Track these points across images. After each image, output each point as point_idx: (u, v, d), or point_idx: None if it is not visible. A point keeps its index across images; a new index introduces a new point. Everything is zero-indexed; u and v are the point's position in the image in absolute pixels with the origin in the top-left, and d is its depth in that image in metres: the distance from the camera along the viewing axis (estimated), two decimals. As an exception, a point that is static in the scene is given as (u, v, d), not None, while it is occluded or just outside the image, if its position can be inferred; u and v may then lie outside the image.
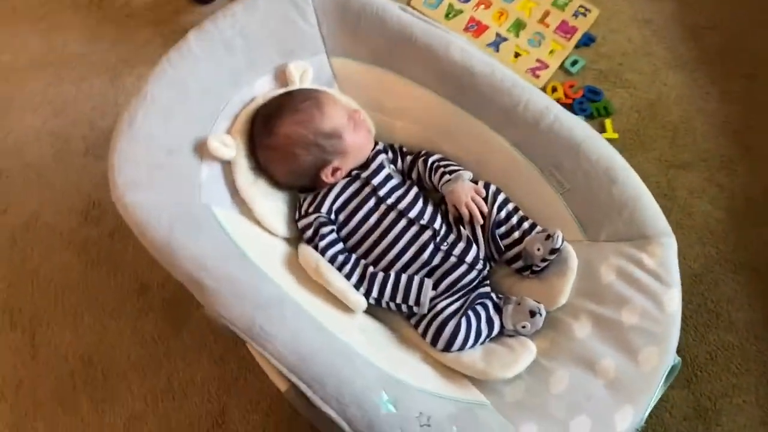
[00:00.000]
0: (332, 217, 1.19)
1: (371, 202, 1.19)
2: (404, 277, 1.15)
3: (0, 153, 1.56)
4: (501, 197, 1.22)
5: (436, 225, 1.19)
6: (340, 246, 1.18)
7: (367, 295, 1.14)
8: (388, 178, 1.23)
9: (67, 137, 1.57)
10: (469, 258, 1.18)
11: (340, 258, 1.16)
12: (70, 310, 1.42)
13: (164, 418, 1.34)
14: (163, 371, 1.37)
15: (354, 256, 1.17)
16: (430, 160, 1.25)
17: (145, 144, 1.09)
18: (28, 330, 1.39)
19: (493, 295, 1.19)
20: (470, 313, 1.14)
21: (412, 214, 1.19)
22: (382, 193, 1.20)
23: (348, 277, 1.15)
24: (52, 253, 1.46)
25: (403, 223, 1.18)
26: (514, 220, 1.21)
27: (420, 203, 1.21)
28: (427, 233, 1.18)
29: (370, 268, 1.16)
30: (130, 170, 1.08)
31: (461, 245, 1.19)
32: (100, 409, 1.35)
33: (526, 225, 1.21)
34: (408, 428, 0.98)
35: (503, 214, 1.21)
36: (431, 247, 1.17)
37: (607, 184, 1.16)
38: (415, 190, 1.23)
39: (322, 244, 1.16)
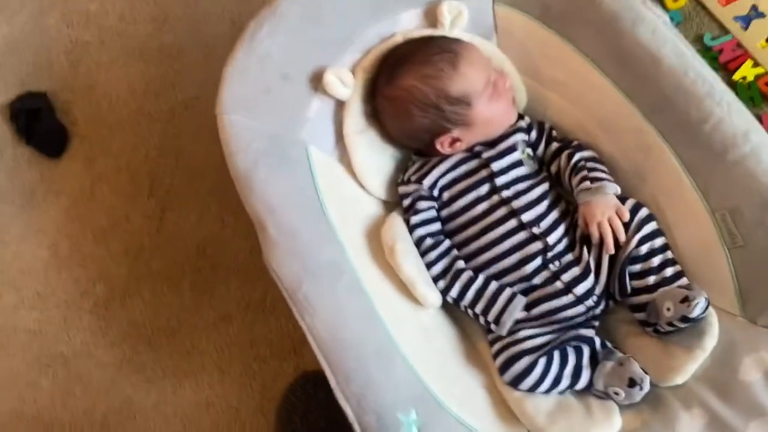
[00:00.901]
0: (435, 192, 1.03)
1: (483, 189, 1.01)
2: (493, 285, 0.98)
3: (182, 30, 1.58)
4: (649, 228, 0.97)
5: (552, 238, 0.98)
6: (434, 227, 1.02)
7: (446, 291, 0.99)
8: (515, 165, 1.02)
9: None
10: (579, 290, 0.97)
11: (429, 241, 1.01)
12: (201, 196, 1.45)
13: (248, 327, 1.35)
14: (260, 283, 1.37)
15: (446, 243, 1.02)
16: (577, 157, 1.01)
17: (261, 63, 1.01)
18: (161, 203, 1.45)
19: (597, 341, 0.97)
20: (556, 353, 0.95)
21: (527, 217, 0.99)
22: (499, 181, 1.01)
23: (431, 265, 1.00)
24: (201, 137, 1.49)
25: (512, 223, 0.99)
26: (656, 261, 0.96)
27: (543, 206, 1.00)
28: (537, 245, 0.98)
29: (460, 263, 1.00)
30: (238, 87, 1.01)
31: (575, 271, 0.97)
32: (197, 300, 1.39)
33: (668, 272, 0.95)
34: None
35: (644, 249, 0.96)
36: (537, 262, 0.98)
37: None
38: (543, 187, 1.02)
39: (415, 219, 1.02)
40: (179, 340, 1.37)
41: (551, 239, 0.98)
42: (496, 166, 1.01)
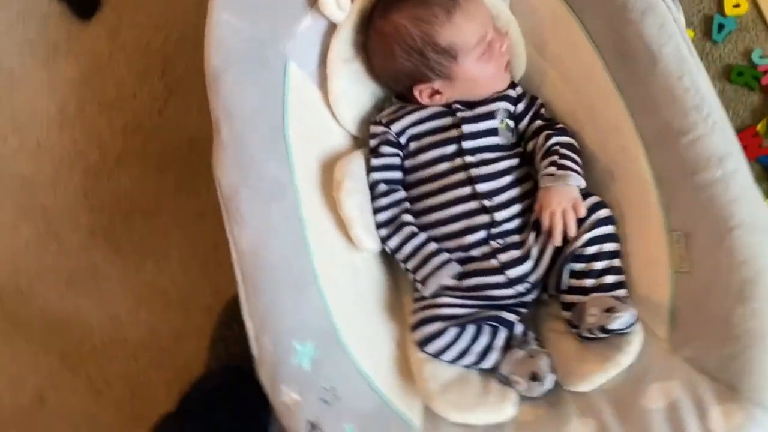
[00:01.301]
0: (402, 140, 1.00)
1: (449, 149, 0.98)
2: (431, 246, 0.96)
3: None
4: (603, 230, 0.92)
5: (501, 215, 0.95)
6: (391, 175, 1.00)
7: (386, 240, 0.98)
8: (489, 132, 0.98)
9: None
10: (513, 272, 0.94)
11: (383, 187, 0.99)
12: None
13: (219, 231, 1.35)
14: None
15: (399, 194, 0.99)
16: (554, 140, 0.96)
17: (262, -36, 0.98)
18: (169, 87, 1.46)
19: (518, 327, 0.95)
20: (471, 328, 0.93)
21: (482, 187, 0.95)
22: (466, 145, 0.97)
23: (378, 210, 0.98)
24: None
25: (466, 190, 0.96)
26: (599, 265, 0.92)
27: (503, 180, 0.96)
28: (484, 218, 0.95)
29: (406, 216, 0.98)
30: (235, -15, 0.98)
31: (514, 253, 0.94)
32: (179, 190, 1.40)
33: (608, 279, 0.91)
34: (305, 393, 0.86)
35: (592, 250, 0.92)
36: (480, 235, 0.95)
37: (734, 301, 0.80)
38: (511, 162, 0.98)
39: (375, 162, 1.00)
40: (153, 223, 1.40)
41: (500, 216, 0.95)
42: (467, 128, 0.98)
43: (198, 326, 1.33)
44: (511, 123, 1.01)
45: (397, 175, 1.01)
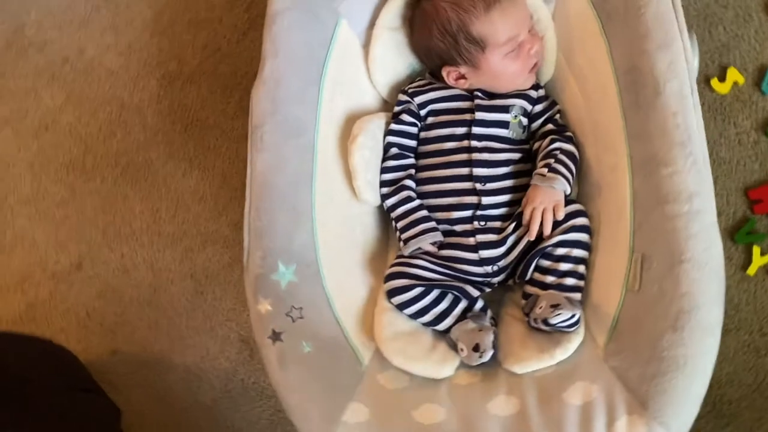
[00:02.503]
0: (422, 113, 1.10)
1: (460, 130, 1.06)
2: (422, 212, 1.06)
3: None
4: (576, 236, 1.00)
5: (489, 200, 1.03)
6: (406, 141, 1.10)
7: (385, 198, 1.08)
8: (499, 124, 1.06)
9: None
10: (485, 254, 1.03)
11: (394, 150, 1.09)
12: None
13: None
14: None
15: (409, 161, 1.09)
16: (556, 145, 1.04)
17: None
18: (251, 20, 1.54)
19: (478, 303, 1.04)
20: (435, 291, 1.03)
21: (478, 171, 1.04)
22: (475, 130, 1.05)
23: (385, 170, 1.09)
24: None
25: (464, 171, 1.05)
26: (564, 267, 0.99)
27: (500, 170, 1.04)
28: (472, 198, 1.03)
29: (408, 181, 1.08)
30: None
31: (491, 237, 1.03)
32: (238, 113, 1.52)
33: (568, 281, 0.99)
34: (276, 305, 0.98)
35: (560, 251, 1.00)
36: (466, 213, 1.04)
37: (667, 327, 0.87)
38: (513, 155, 1.06)
39: (394, 127, 1.10)
40: (207, 138, 1.55)
41: (486, 200, 1.03)
42: (480, 115, 1.06)
43: (224, 237, 1.48)
44: (524, 120, 1.08)
45: (411, 143, 1.10)
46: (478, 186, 1.03)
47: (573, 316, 0.94)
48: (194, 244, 1.51)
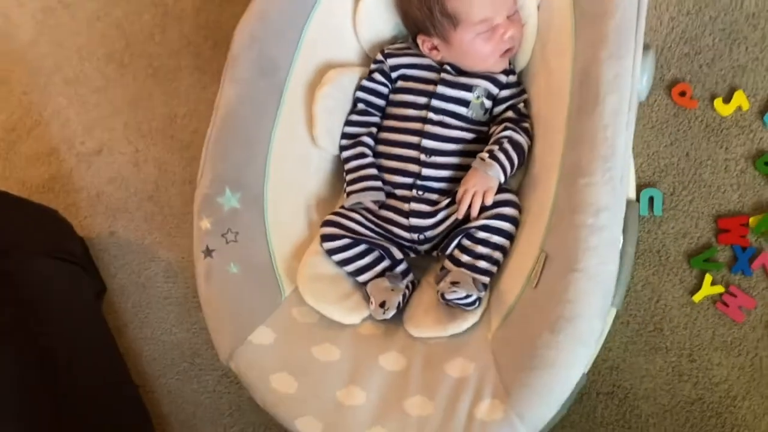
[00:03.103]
0: (393, 75, 1.13)
1: (421, 100, 1.10)
2: (371, 170, 1.11)
3: None
4: (500, 224, 1.03)
5: (429, 172, 1.07)
6: (374, 99, 1.14)
7: (342, 149, 1.14)
8: (459, 101, 1.08)
9: None
10: (414, 222, 1.08)
11: (361, 106, 1.14)
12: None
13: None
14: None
15: (373, 119, 1.14)
16: (507, 133, 1.05)
17: None
18: None
19: (401, 264, 1.10)
20: (362, 246, 1.09)
21: (426, 143, 1.08)
22: (434, 103, 1.09)
23: (348, 123, 1.14)
24: None
25: (414, 139, 1.09)
26: (481, 250, 1.03)
27: (448, 146, 1.08)
28: (414, 167, 1.08)
29: (367, 139, 1.13)
30: None
31: (424, 207, 1.07)
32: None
33: (481, 264, 1.03)
34: (215, 225, 1.07)
35: (482, 235, 1.03)
36: (407, 180, 1.09)
37: (546, 327, 0.90)
38: (465, 134, 1.08)
39: (364, 83, 1.14)
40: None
41: (427, 172, 1.07)
42: (441, 89, 1.09)
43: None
44: (488, 103, 1.10)
45: (379, 101, 1.15)
46: (423, 157, 1.08)
47: (468, 296, 0.98)
48: (199, 154, 1.61)
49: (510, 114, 1.09)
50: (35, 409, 1.08)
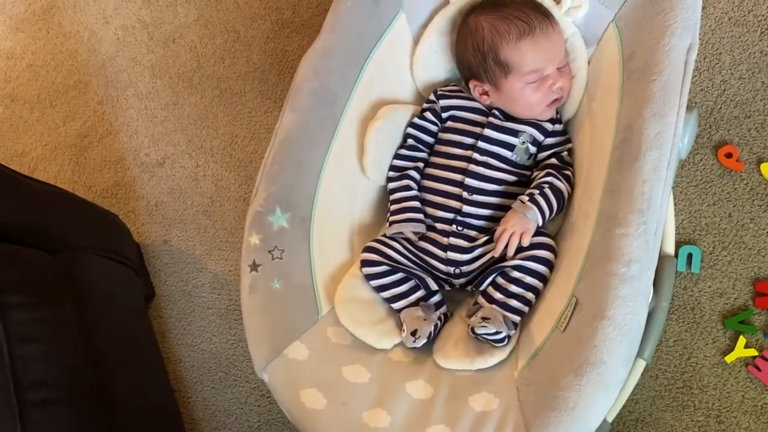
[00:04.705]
0: (444, 115, 1.19)
1: (467, 140, 1.15)
2: (415, 203, 1.15)
3: None
4: (535, 266, 1.06)
5: (470, 209, 1.11)
6: (423, 136, 1.19)
7: (389, 180, 1.19)
8: (504, 145, 1.13)
9: None
10: (452, 256, 1.12)
11: (410, 141, 1.19)
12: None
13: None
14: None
15: (421, 154, 1.19)
16: (549, 179, 1.09)
17: None
18: None
19: (436, 296, 1.14)
20: (399, 274, 1.13)
21: (469, 182, 1.12)
22: (481, 145, 1.13)
23: (397, 157, 1.19)
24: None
25: (458, 177, 1.13)
26: (514, 289, 1.06)
27: (491, 186, 1.12)
28: (456, 203, 1.12)
29: (414, 173, 1.18)
30: None
31: (462, 243, 1.11)
32: None
33: (513, 303, 1.06)
34: (263, 242, 1.12)
35: (516, 275, 1.06)
36: (448, 215, 1.13)
37: (570, 371, 0.92)
38: (509, 177, 1.13)
39: (416, 121, 1.20)
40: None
41: (468, 209, 1.11)
42: (488, 132, 1.13)
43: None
44: (533, 148, 1.14)
45: (428, 139, 1.20)
46: (465, 194, 1.12)
47: (498, 333, 1.01)
48: (255, 174, 1.69)
49: (553, 161, 1.12)
50: (84, 401, 1.14)
